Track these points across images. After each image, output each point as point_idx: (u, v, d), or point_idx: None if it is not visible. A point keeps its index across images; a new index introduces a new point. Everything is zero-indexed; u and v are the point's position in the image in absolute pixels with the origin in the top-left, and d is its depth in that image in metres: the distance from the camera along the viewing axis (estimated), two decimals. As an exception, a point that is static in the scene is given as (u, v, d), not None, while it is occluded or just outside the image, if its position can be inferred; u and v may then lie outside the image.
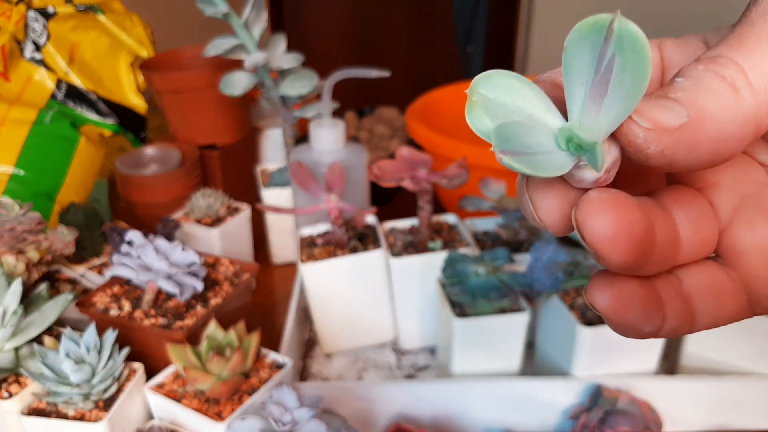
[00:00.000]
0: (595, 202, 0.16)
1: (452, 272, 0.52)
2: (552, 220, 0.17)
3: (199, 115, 0.75)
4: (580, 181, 0.16)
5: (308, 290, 0.58)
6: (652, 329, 0.17)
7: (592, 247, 0.16)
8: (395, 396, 0.51)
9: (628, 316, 0.17)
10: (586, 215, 0.16)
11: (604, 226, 0.15)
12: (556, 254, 0.49)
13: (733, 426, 0.52)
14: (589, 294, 0.18)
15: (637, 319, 0.17)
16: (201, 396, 0.45)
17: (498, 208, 0.60)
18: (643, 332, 0.18)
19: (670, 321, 0.18)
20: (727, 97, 0.16)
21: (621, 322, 0.17)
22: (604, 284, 0.17)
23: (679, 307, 0.18)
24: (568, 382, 0.50)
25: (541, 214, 0.17)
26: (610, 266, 0.16)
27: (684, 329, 0.18)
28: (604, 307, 0.17)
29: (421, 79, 2.22)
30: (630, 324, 0.17)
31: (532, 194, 0.17)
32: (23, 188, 0.71)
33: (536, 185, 0.17)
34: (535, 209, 0.17)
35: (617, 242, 0.15)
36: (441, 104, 0.90)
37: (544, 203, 0.17)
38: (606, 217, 0.15)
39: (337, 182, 0.57)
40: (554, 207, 0.17)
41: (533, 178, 0.17)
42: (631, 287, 0.17)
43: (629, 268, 0.16)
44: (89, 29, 0.82)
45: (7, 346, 0.45)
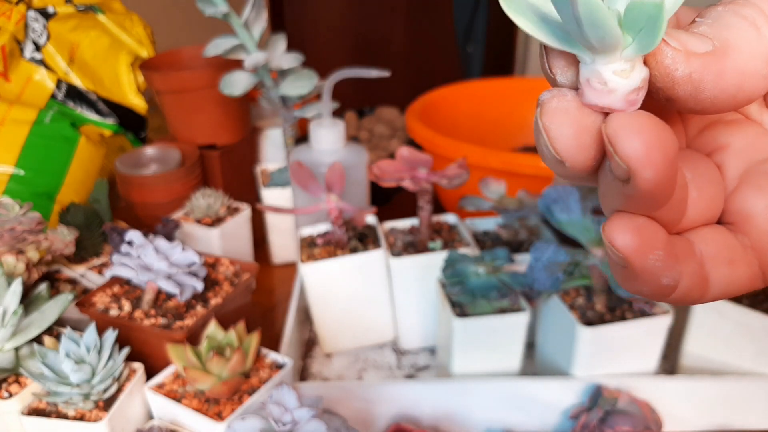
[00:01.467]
0: (629, 115, 0.15)
1: (452, 272, 0.52)
2: (569, 149, 0.16)
3: (199, 115, 0.75)
4: (610, 91, 0.15)
5: (308, 290, 0.58)
6: (669, 282, 0.16)
7: (625, 160, 0.15)
8: (395, 396, 0.51)
9: (649, 259, 0.16)
10: (620, 127, 0.15)
11: (641, 138, 0.14)
12: (556, 254, 0.49)
13: (733, 426, 0.52)
14: (608, 231, 0.16)
15: (656, 265, 0.16)
16: (201, 396, 0.45)
17: (498, 208, 0.60)
18: (659, 284, 0.16)
19: (685, 281, 0.17)
20: (749, 33, 0.16)
21: (640, 265, 0.16)
22: (625, 221, 0.16)
23: (694, 269, 0.17)
24: (568, 382, 0.50)
25: (556, 143, 0.16)
26: (641, 185, 0.15)
27: (696, 294, 0.17)
28: (624, 245, 0.16)
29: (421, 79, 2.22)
30: (649, 270, 0.16)
31: (546, 121, 0.16)
32: (23, 188, 0.71)
33: (550, 112, 0.16)
34: (551, 138, 0.16)
35: (652, 156, 0.14)
36: (441, 104, 0.90)
37: (561, 130, 0.16)
38: (642, 128, 0.15)
39: (337, 182, 0.57)
40: (571, 134, 0.16)
41: (547, 107, 0.16)
42: (653, 227, 0.16)
43: (659, 190, 0.15)
44: (89, 29, 0.82)
45: (7, 346, 0.45)
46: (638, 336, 0.50)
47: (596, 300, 0.51)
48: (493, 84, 0.99)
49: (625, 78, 0.15)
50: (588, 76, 0.16)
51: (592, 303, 0.51)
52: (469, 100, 0.95)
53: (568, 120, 0.16)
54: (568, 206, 0.49)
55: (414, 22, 2.28)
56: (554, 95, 0.16)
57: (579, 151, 0.16)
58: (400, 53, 2.31)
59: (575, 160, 0.16)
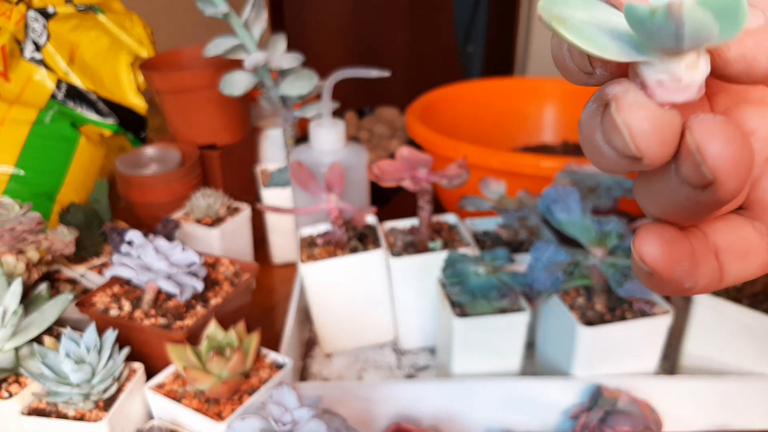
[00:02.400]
0: (713, 122, 0.14)
1: (452, 272, 0.52)
2: (653, 144, 0.15)
3: (199, 115, 0.75)
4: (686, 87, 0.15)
5: (308, 290, 0.58)
6: (690, 286, 0.17)
7: (713, 171, 0.14)
8: (395, 396, 0.51)
9: (677, 270, 0.16)
10: (709, 136, 0.14)
11: (730, 148, 0.14)
12: (556, 254, 0.49)
13: (733, 426, 0.52)
14: (639, 246, 0.17)
15: (682, 274, 0.17)
16: (201, 396, 0.45)
17: (498, 208, 0.60)
18: (682, 288, 0.17)
19: (702, 279, 0.17)
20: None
21: (669, 276, 0.17)
22: (654, 236, 0.16)
23: (712, 264, 0.17)
24: (568, 382, 0.50)
25: (639, 139, 0.15)
26: (722, 194, 0.15)
27: (713, 287, 0.18)
28: (654, 260, 0.16)
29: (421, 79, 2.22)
30: (676, 279, 0.17)
31: (628, 117, 0.15)
32: (23, 188, 0.71)
33: (632, 107, 0.15)
34: (633, 134, 0.15)
35: (740, 166, 0.14)
36: (441, 104, 0.90)
37: (644, 126, 0.15)
38: (731, 139, 0.14)
39: (337, 182, 0.57)
40: (655, 129, 0.15)
41: (625, 101, 0.15)
42: (680, 240, 0.17)
43: (734, 197, 0.15)
44: (89, 29, 0.82)
45: (7, 346, 0.45)
46: (638, 336, 0.50)
47: (596, 300, 0.51)
48: (493, 84, 0.99)
49: (696, 69, 0.15)
50: (658, 77, 0.15)
51: (592, 303, 0.51)
52: (469, 100, 0.95)
53: (650, 115, 0.15)
54: (568, 206, 0.49)
55: (414, 22, 2.28)
56: (628, 90, 0.15)
57: (661, 146, 0.15)
58: (401, 53, 2.31)
59: (656, 156, 0.15)
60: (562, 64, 0.17)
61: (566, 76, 0.17)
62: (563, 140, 0.96)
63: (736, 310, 0.50)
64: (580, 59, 0.17)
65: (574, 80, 0.17)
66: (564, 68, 0.17)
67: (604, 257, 0.49)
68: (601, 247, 0.49)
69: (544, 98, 0.97)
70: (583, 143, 0.17)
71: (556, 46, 0.17)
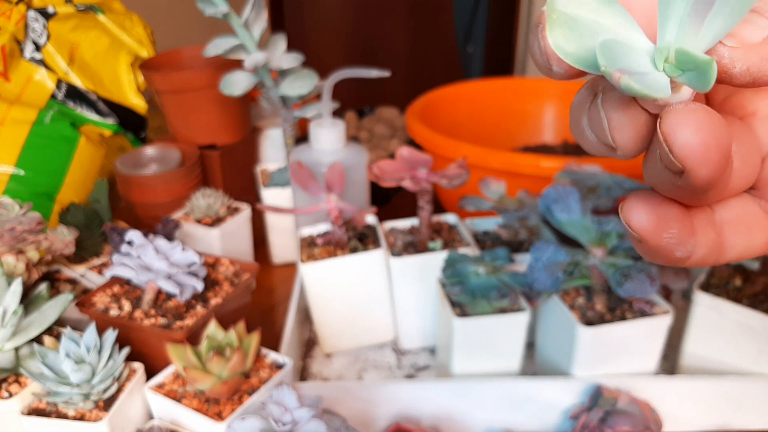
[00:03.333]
0: (685, 111, 0.15)
1: (452, 272, 0.52)
2: (627, 139, 0.16)
3: (199, 115, 0.75)
4: (663, 104, 0.16)
5: (308, 290, 0.58)
6: (682, 255, 0.17)
7: (680, 160, 0.15)
8: (395, 396, 0.51)
9: (663, 237, 0.17)
10: (676, 125, 0.15)
11: (697, 137, 0.15)
12: (556, 254, 0.49)
13: (733, 426, 0.52)
14: (625, 212, 0.17)
15: (670, 242, 0.17)
16: (201, 396, 0.45)
17: (498, 208, 0.60)
18: (673, 257, 0.17)
19: (699, 249, 0.17)
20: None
21: (654, 243, 0.17)
22: (641, 203, 0.17)
23: (710, 236, 0.18)
24: (568, 382, 0.50)
25: (616, 133, 0.16)
26: (695, 181, 0.15)
27: (712, 259, 0.18)
28: (639, 226, 0.17)
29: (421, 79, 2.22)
30: (663, 247, 0.17)
31: (609, 112, 0.16)
32: (23, 188, 0.71)
33: (613, 103, 0.16)
34: (611, 128, 0.16)
35: (709, 154, 0.15)
36: (441, 104, 0.90)
37: (622, 122, 0.16)
38: (698, 126, 0.15)
39: (337, 182, 0.57)
40: (630, 126, 0.16)
41: (609, 97, 0.16)
42: (669, 208, 0.17)
43: (712, 184, 0.15)
44: (89, 29, 0.82)
45: (7, 346, 0.45)
46: (638, 336, 0.50)
47: (596, 300, 0.51)
48: (493, 84, 0.99)
49: (676, 93, 0.16)
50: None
51: (592, 303, 0.51)
52: (469, 100, 0.95)
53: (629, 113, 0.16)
54: (568, 206, 0.49)
55: (414, 22, 2.28)
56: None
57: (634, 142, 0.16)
58: (401, 53, 2.31)
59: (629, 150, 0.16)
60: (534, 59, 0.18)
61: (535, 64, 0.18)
62: (563, 140, 0.96)
63: (736, 310, 0.50)
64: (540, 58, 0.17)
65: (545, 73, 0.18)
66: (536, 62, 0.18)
67: (604, 257, 0.49)
68: (601, 247, 0.49)
69: (544, 98, 0.97)
70: (571, 124, 0.18)
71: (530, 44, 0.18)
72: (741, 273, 0.54)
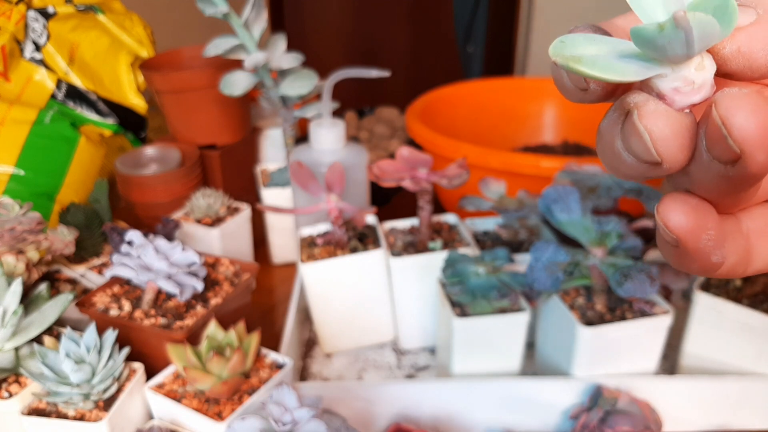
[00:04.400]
0: (739, 95, 0.15)
1: (452, 272, 0.52)
2: (673, 148, 0.16)
3: (199, 115, 0.75)
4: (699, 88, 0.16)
5: (308, 290, 0.58)
6: (718, 260, 0.17)
7: (739, 143, 0.14)
8: (395, 396, 0.51)
9: (701, 239, 0.16)
10: (733, 107, 0.14)
11: (755, 118, 0.14)
12: (556, 254, 0.49)
13: (733, 426, 0.52)
14: (663, 213, 0.16)
15: (707, 245, 0.16)
16: (201, 396, 0.45)
17: (498, 208, 0.60)
18: (709, 262, 0.17)
19: (731, 257, 0.17)
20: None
21: (693, 245, 0.16)
22: (679, 203, 0.16)
23: (740, 243, 0.17)
24: (568, 382, 0.50)
25: (660, 144, 0.15)
26: (751, 168, 0.15)
27: (740, 269, 0.18)
28: (678, 226, 0.16)
29: (421, 79, 2.22)
30: (700, 249, 0.16)
31: (649, 124, 0.16)
32: (23, 188, 0.71)
33: (652, 115, 0.16)
34: (655, 140, 0.16)
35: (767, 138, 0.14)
36: (441, 104, 0.90)
37: (665, 132, 0.15)
38: (755, 108, 0.14)
39: (337, 182, 0.57)
40: (675, 135, 0.15)
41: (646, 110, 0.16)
42: (707, 209, 0.16)
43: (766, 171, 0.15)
44: (89, 29, 0.82)
45: (7, 346, 0.45)
46: (638, 336, 0.50)
47: (596, 300, 0.51)
48: (493, 84, 0.99)
49: (704, 69, 0.16)
50: (673, 86, 0.16)
51: (592, 303, 0.51)
52: (469, 100, 0.95)
53: (670, 122, 0.16)
54: (568, 206, 0.49)
55: (414, 22, 2.28)
56: (648, 99, 0.16)
57: (681, 150, 0.16)
58: (401, 53, 2.31)
59: (676, 160, 0.16)
60: (560, 84, 0.18)
61: (565, 95, 0.18)
62: (563, 140, 0.96)
63: (736, 310, 0.50)
64: (576, 78, 0.17)
65: (571, 98, 0.18)
66: (563, 87, 0.18)
67: (604, 257, 0.49)
68: (601, 247, 0.49)
69: (544, 98, 0.97)
70: (601, 150, 0.17)
71: (555, 68, 0.18)
72: (741, 273, 0.54)
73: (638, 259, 0.49)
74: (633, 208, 0.65)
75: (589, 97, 0.17)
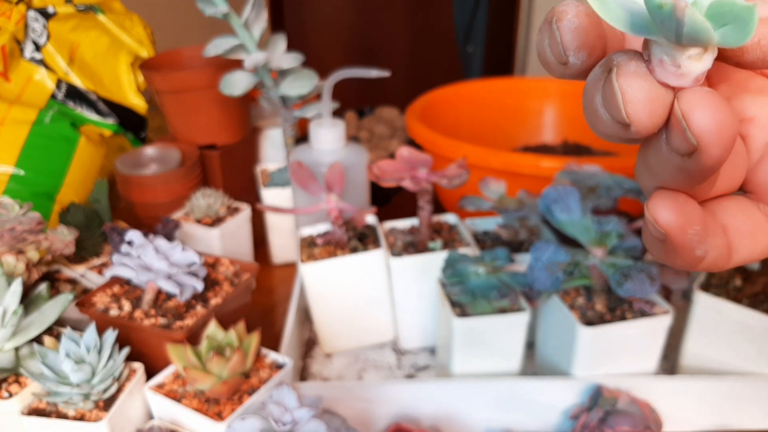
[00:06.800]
0: (702, 92, 0.16)
1: (452, 272, 0.52)
2: (641, 113, 0.16)
3: (199, 115, 0.75)
4: (683, 75, 0.16)
5: (308, 290, 0.58)
6: (701, 254, 0.17)
7: (697, 136, 0.15)
8: (395, 396, 0.51)
9: (688, 234, 0.17)
10: (695, 103, 0.15)
11: (715, 116, 0.15)
12: (556, 254, 0.49)
13: (733, 426, 0.52)
14: (652, 209, 0.17)
15: (693, 240, 0.17)
16: (201, 396, 0.45)
17: (498, 208, 0.60)
18: (693, 256, 0.17)
19: (711, 251, 0.18)
20: None
21: (680, 240, 0.17)
22: (667, 200, 0.17)
23: (720, 239, 0.18)
24: (568, 382, 0.50)
25: (630, 107, 0.16)
26: (705, 161, 0.16)
27: (721, 262, 0.18)
28: (667, 222, 0.17)
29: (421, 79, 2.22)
30: (686, 244, 0.17)
31: (624, 85, 0.16)
32: (23, 188, 0.71)
33: (628, 76, 0.16)
34: (626, 102, 0.16)
35: (723, 134, 0.15)
36: (441, 104, 0.90)
37: (636, 95, 0.16)
38: (715, 107, 0.15)
39: (337, 182, 0.57)
40: (646, 100, 0.16)
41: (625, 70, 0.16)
42: (692, 204, 0.17)
43: (718, 166, 0.16)
44: (89, 29, 0.82)
45: (7, 346, 0.45)
46: (638, 336, 0.50)
47: (596, 300, 0.51)
48: (493, 84, 0.99)
49: (698, 61, 0.16)
50: (661, 57, 0.16)
51: (592, 303, 0.51)
52: (469, 100, 0.95)
53: (645, 86, 0.16)
54: (568, 206, 0.49)
55: (414, 22, 2.28)
56: (631, 58, 0.16)
57: (649, 117, 0.16)
58: (401, 53, 2.31)
59: (643, 125, 0.16)
60: (542, 57, 0.18)
61: (546, 69, 0.18)
62: (563, 140, 0.96)
63: (736, 310, 0.50)
64: (556, 51, 0.17)
65: (553, 72, 0.18)
66: (544, 60, 0.18)
67: (604, 257, 0.49)
68: (601, 247, 0.49)
69: (544, 98, 0.97)
70: (584, 105, 0.18)
71: (539, 41, 0.18)
72: (741, 273, 0.54)
73: (638, 259, 0.49)
74: (633, 208, 0.65)
75: (569, 71, 0.18)
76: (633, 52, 0.17)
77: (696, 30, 0.15)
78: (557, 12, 0.17)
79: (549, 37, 0.17)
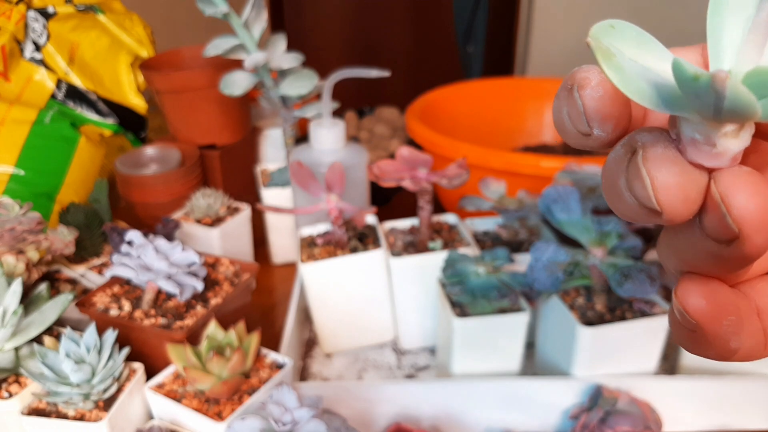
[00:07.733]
0: (740, 173, 0.14)
1: (452, 272, 0.52)
2: (673, 200, 0.14)
3: (199, 115, 0.75)
4: (718, 154, 0.14)
5: (308, 290, 0.58)
6: (737, 345, 0.16)
7: (738, 223, 0.14)
8: (395, 396, 0.51)
9: (723, 324, 0.15)
10: (734, 186, 0.14)
11: (757, 201, 0.14)
12: (556, 254, 0.49)
13: (733, 426, 0.52)
14: (682, 296, 0.15)
15: (728, 330, 0.15)
16: (201, 396, 0.45)
17: (498, 208, 0.60)
18: (728, 348, 0.16)
19: (748, 339, 0.16)
20: None
21: (713, 330, 0.15)
22: (697, 286, 0.15)
23: (756, 325, 0.16)
24: (568, 382, 0.50)
25: (661, 194, 0.14)
26: (747, 250, 0.14)
27: (757, 351, 0.16)
28: (698, 311, 0.15)
29: (421, 79, 2.22)
30: (720, 335, 0.15)
31: (653, 170, 0.14)
32: (23, 188, 0.71)
33: (657, 159, 0.14)
34: (655, 188, 0.14)
35: (766, 219, 0.14)
36: (441, 104, 0.90)
37: (669, 181, 0.14)
38: (756, 189, 0.14)
39: (337, 182, 0.57)
40: (679, 186, 0.14)
41: (652, 153, 0.15)
42: (726, 292, 0.15)
43: (761, 253, 0.14)
44: (89, 29, 0.82)
45: (7, 346, 0.45)
46: (638, 336, 0.50)
47: (596, 300, 0.51)
48: (493, 84, 0.99)
49: (735, 138, 0.14)
50: (693, 135, 0.14)
51: (592, 303, 0.51)
52: (469, 100, 0.95)
53: (677, 170, 0.14)
54: (568, 206, 0.49)
55: (414, 22, 2.28)
56: (658, 140, 0.15)
57: (683, 204, 0.14)
58: (401, 53, 2.31)
59: (677, 213, 0.15)
60: (560, 126, 0.17)
61: (564, 138, 0.17)
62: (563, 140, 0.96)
63: (736, 310, 0.50)
64: (578, 122, 0.16)
65: (572, 142, 0.17)
66: (562, 130, 0.17)
67: (604, 257, 0.49)
68: (601, 247, 0.49)
69: (544, 98, 0.97)
70: (605, 186, 0.16)
71: (556, 108, 0.17)
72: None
73: (638, 259, 0.49)
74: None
75: (592, 143, 0.16)
76: (659, 131, 0.15)
77: (738, 104, 0.13)
78: (578, 79, 0.16)
79: (569, 105, 0.16)
